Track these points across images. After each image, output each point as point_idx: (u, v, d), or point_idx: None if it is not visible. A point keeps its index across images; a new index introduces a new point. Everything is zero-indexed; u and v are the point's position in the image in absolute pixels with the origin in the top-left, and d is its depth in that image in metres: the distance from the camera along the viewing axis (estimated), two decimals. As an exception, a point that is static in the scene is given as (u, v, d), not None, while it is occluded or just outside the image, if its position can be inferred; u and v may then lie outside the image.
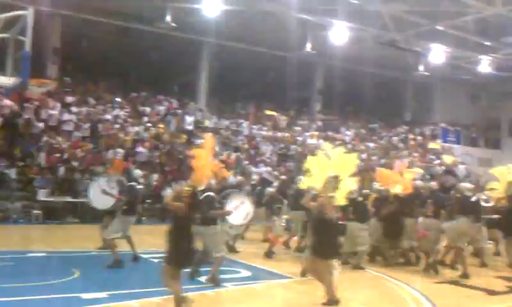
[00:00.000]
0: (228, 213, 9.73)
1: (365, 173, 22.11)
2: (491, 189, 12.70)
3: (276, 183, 15.36)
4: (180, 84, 29.98)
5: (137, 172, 11.62)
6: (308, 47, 24.61)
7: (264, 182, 16.76)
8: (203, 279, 8.94)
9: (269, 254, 11.77)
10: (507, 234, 12.22)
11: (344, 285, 9.51)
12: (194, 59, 27.77)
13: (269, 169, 22.06)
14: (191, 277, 8.72)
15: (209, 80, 27.78)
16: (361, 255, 11.05)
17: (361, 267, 10.83)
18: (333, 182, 7.86)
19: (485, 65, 28.03)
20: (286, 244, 13.05)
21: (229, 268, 8.79)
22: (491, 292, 9.40)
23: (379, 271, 10.80)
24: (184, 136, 23.27)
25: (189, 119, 24.49)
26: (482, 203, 11.71)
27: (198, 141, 23.10)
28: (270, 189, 13.53)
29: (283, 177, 17.16)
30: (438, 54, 26.00)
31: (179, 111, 25.18)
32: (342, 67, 28.40)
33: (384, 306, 8.09)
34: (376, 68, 29.12)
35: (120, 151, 19.67)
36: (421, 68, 27.83)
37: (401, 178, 11.95)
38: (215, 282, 8.51)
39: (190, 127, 24.23)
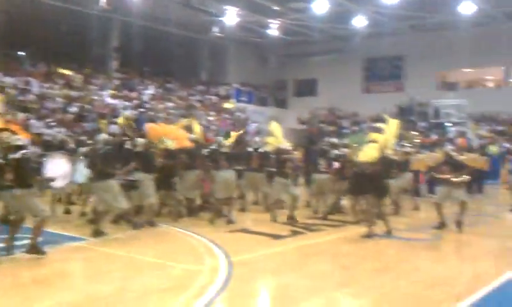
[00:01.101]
0: (51, 179, 9.27)
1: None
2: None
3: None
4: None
5: None
6: (103, 2, 23.67)
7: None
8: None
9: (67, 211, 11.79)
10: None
11: (135, 240, 9.67)
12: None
13: (63, 130, 20.96)
14: (7, 252, 8.04)
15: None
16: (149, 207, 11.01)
17: (152, 223, 10.90)
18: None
19: (274, 29, 29.99)
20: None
21: (18, 235, 8.24)
22: (277, 237, 10.34)
23: (170, 225, 11.12)
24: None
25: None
26: None
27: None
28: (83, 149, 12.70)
29: (82, 138, 16.42)
30: (231, 16, 27.09)
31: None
32: (140, 25, 27.97)
33: (178, 258, 8.31)
34: (174, 27, 29.23)
35: None
36: (215, 29, 28.69)
37: (173, 133, 12.05)
38: (36, 251, 7.89)
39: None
